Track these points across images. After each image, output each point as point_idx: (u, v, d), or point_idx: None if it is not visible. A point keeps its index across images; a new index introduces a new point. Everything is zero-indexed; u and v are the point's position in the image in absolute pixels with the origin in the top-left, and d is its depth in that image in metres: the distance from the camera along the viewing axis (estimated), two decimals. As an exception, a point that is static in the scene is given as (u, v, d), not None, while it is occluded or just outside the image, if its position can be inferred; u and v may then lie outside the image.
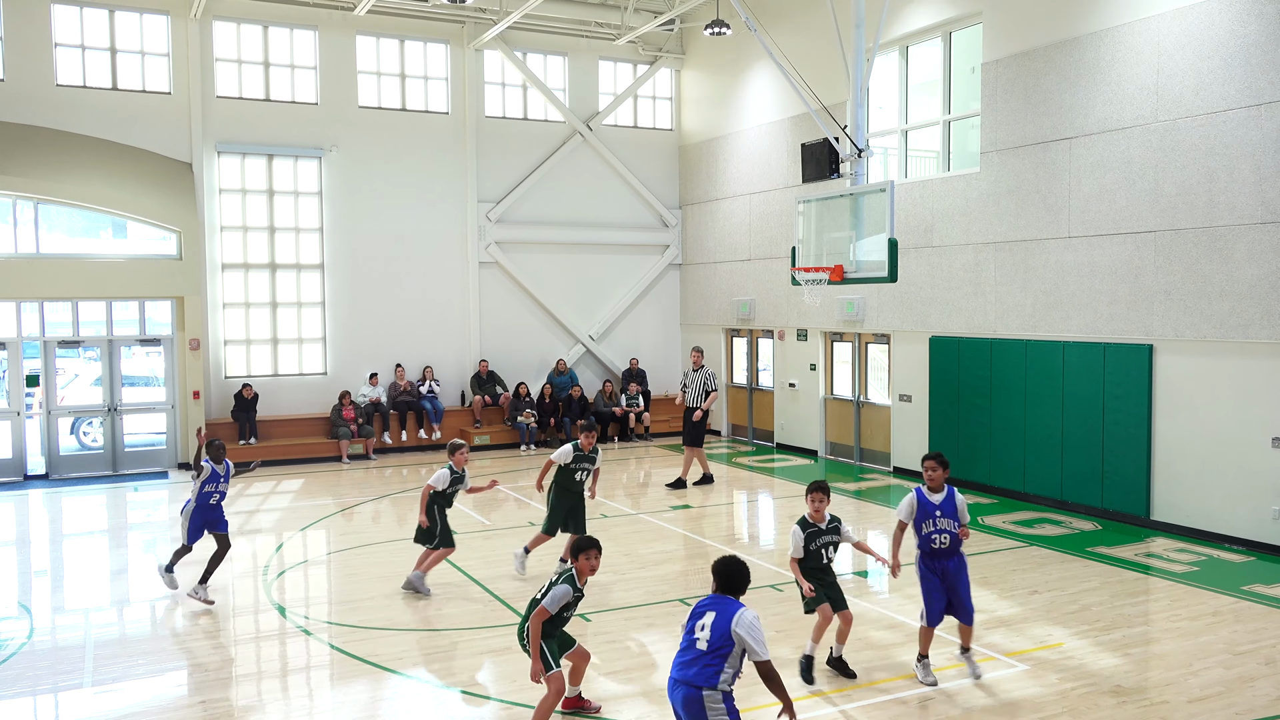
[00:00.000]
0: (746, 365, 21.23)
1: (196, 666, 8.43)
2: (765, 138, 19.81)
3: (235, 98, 18.91)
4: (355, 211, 19.86)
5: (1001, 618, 9.36)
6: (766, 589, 10.36)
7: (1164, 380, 12.73)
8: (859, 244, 12.41)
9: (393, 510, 14.48)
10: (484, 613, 9.63)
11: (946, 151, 16.32)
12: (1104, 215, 13.37)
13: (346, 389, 19.23)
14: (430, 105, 20.62)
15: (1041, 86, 14.14)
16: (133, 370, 18.85)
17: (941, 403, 15.90)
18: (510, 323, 21.39)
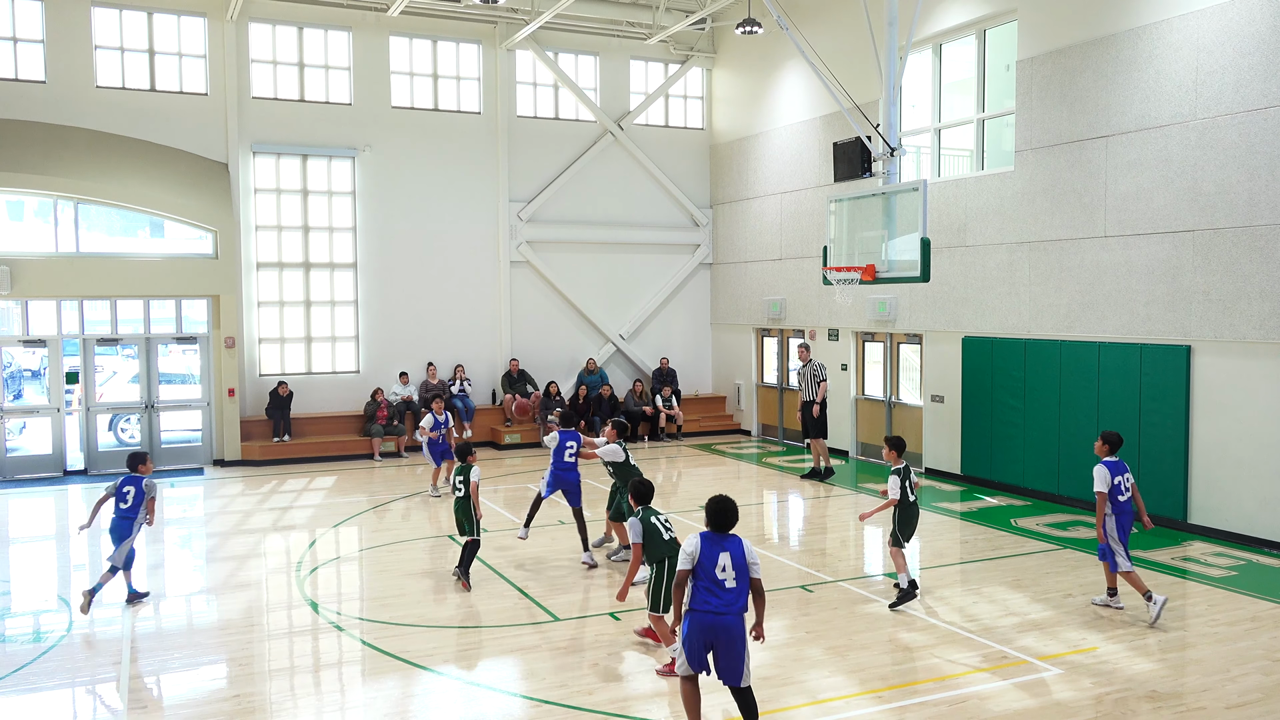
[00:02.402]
0: (777, 365, 21.15)
1: (231, 660, 8.52)
2: (797, 137, 19.73)
3: (270, 98, 19.10)
4: (388, 211, 20.00)
5: (1035, 621, 9.26)
6: (796, 589, 10.32)
7: (1202, 382, 12.55)
8: (891, 243, 12.35)
9: (424, 508, 14.57)
10: (514, 610, 9.66)
11: (980, 150, 16.17)
12: (1141, 214, 13.19)
13: (379, 387, 19.37)
14: (462, 105, 20.72)
15: (1077, 84, 13.98)
16: (170, 368, 19.11)
17: (974, 404, 15.76)
18: (541, 322, 21.44)
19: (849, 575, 10.91)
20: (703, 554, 6.33)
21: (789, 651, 8.53)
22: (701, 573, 6.33)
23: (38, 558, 12.30)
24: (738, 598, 6.30)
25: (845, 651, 8.49)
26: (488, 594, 10.23)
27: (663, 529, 8.20)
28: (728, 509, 6.48)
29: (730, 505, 6.51)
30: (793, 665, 8.20)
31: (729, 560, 6.30)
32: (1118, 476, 9.30)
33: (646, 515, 8.19)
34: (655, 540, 8.14)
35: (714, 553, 6.33)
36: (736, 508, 6.55)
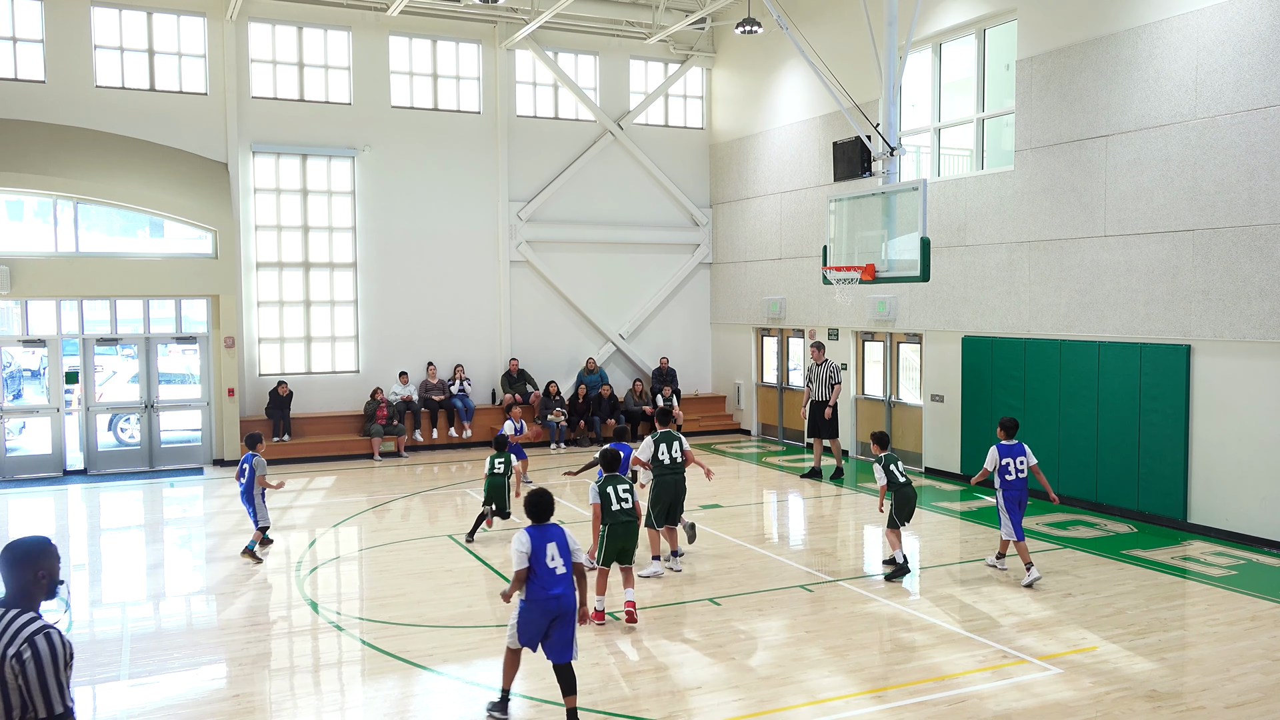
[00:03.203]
0: (777, 365, 21.16)
1: (231, 660, 8.53)
2: (796, 136, 19.73)
3: (270, 98, 19.11)
4: (388, 211, 20.01)
5: (1035, 620, 9.27)
6: (796, 589, 10.33)
7: (1202, 381, 12.55)
8: (891, 243, 12.36)
9: (424, 508, 14.58)
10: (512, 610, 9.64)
11: (980, 150, 16.18)
12: (1141, 214, 13.20)
13: (379, 386, 19.37)
14: (462, 105, 20.72)
15: (1077, 84, 13.98)
16: (169, 368, 19.10)
17: (974, 403, 15.76)
18: (541, 321, 21.45)
19: (849, 575, 10.92)
20: (534, 549, 6.88)
21: (789, 651, 8.53)
22: (536, 564, 6.87)
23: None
24: (568, 582, 6.94)
25: (845, 651, 8.50)
26: (487, 594, 10.24)
27: (615, 499, 9.14)
28: (545, 501, 7.06)
29: (547, 497, 7.07)
30: (792, 665, 8.20)
31: (556, 549, 6.92)
32: (1007, 458, 10.54)
33: (605, 484, 9.20)
34: (606, 508, 9.15)
35: (542, 544, 6.91)
36: (552, 499, 7.12)
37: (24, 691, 3.76)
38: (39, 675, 3.75)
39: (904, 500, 10.86)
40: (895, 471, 10.87)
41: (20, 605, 3.91)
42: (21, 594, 3.93)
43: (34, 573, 3.95)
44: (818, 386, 16.64)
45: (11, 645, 3.77)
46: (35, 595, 3.96)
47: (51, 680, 3.77)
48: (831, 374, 16.58)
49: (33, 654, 3.76)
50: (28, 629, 3.80)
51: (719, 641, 8.79)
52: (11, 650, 3.76)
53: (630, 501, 9.28)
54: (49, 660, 3.77)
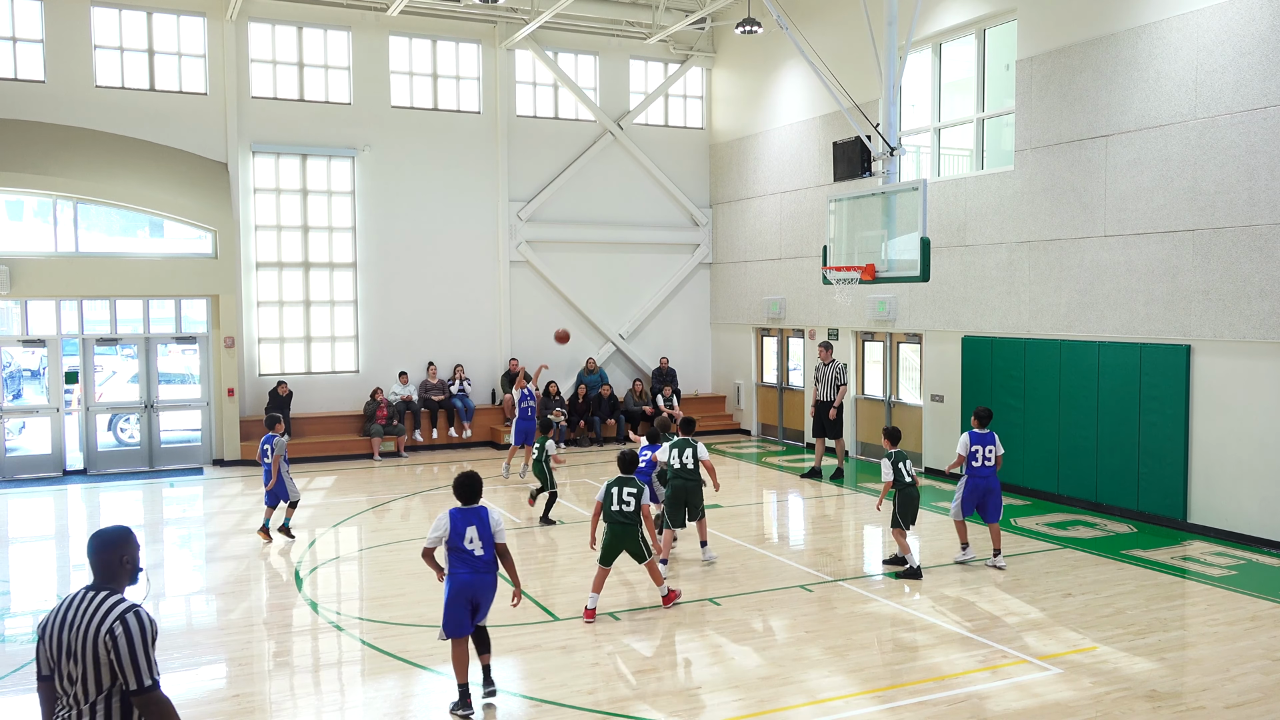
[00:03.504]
0: (777, 365, 21.16)
1: (231, 660, 8.53)
2: (796, 136, 19.73)
3: (270, 98, 19.11)
4: (388, 211, 20.01)
5: (1034, 620, 9.27)
6: (796, 589, 10.33)
7: (1202, 381, 12.55)
8: (891, 243, 12.36)
9: (424, 508, 14.58)
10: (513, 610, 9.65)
11: (980, 150, 16.18)
12: (1141, 214, 13.20)
13: (379, 386, 19.37)
14: (462, 105, 20.72)
15: (1077, 84, 13.98)
16: (169, 368, 19.10)
17: (974, 403, 15.74)
18: (541, 321, 21.43)
19: (849, 575, 10.92)
20: (452, 529, 7.24)
21: (788, 651, 8.54)
22: (453, 544, 7.22)
23: (37, 558, 12.30)
24: (486, 562, 7.26)
25: (845, 651, 8.50)
26: (487, 594, 10.22)
27: (616, 500, 9.33)
28: (471, 483, 7.34)
29: (473, 479, 7.37)
30: (792, 665, 8.20)
31: (475, 532, 7.22)
32: (977, 445, 11.06)
33: (612, 484, 9.43)
34: (606, 507, 9.39)
35: (462, 526, 7.24)
36: (479, 481, 7.40)
37: (115, 665, 4.08)
38: (129, 650, 4.07)
39: (908, 500, 10.81)
40: (903, 470, 10.81)
41: (108, 587, 4.26)
42: (108, 577, 4.29)
43: (118, 558, 4.30)
44: (823, 386, 16.66)
45: (104, 623, 4.10)
46: (120, 578, 4.31)
47: (140, 655, 4.09)
48: (838, 374, 16.60)
49: (124, 630, 4.09)
50: (118, 608, 4.15)
51: (719, 641, 8.79)
52: (104, 627, 4.09)
53: (632, 505, 9.32)
54: (138, 636, 4.10)
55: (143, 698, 4.11)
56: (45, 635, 4.22)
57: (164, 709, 4.15)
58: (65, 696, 4.19)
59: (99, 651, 4.09)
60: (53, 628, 4.21)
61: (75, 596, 4.25)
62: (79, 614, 4.17)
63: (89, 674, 4.11)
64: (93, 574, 4.31)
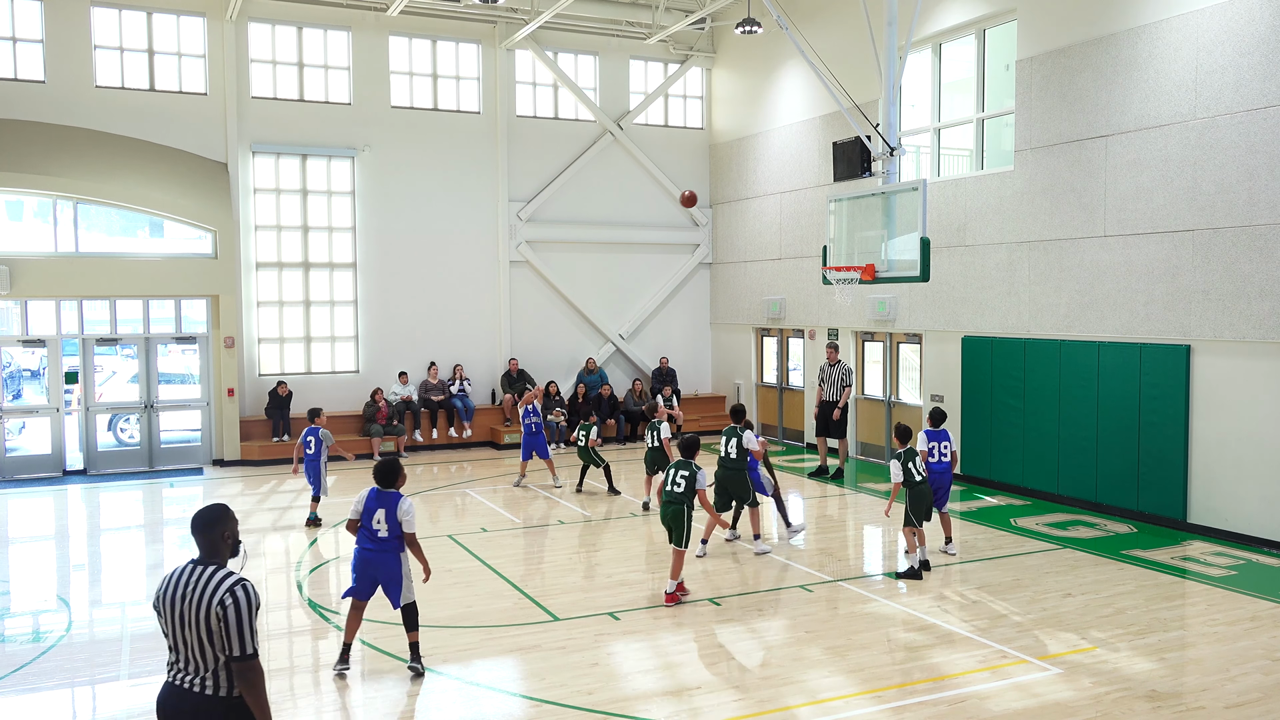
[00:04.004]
0: (776, 365, 21.15)
1: (230, 661, 8.51)
2: (796, 136, 19.73)
3: (270, 98, 19.10)
4: (387, 211, 20.01)
5: (1035, 620, 9.27)
6: (796, 589, 10.33)
7: (1202, 381, 12.55)
8: (891, 243, 12.36)
9: (424, 508, 14.57)
10: (513, 610, 9.67)
11: (980, 150, 16.18)
12: (1141, 214, 13.19)
13: (379, 387, 19.36)
14: (462, 105, 20.72)
15: (1077, 84, 13.98)
16: (169, 368, 19.10)
17: (974, 403, 15.76)
18: (541, 321, 21.45)
19: (849, 575, 10.91)
20: (365, 507, 7.94)
21: (789, 651, 8.53)
22: (364, 521, 7.93)
23: (37, 558, 12.30)
24: (388, 543, 7.88)
25: (845, 651, 8.50)
26: (487, 593, 10.23)
27: (669, 482, 9.90)
28: (387, 469, 7.97)
29: (390, 466, 7.98)
30: (792, 665, 8.20)
31: (383, 515, 7.86)
32: (933, 442, 11.63)
33: (670, 466, 10.04)
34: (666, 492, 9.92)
35: (374, 507, 7.90)
36: (397, 469, 7.98)
37: (222, 634, 4.45)
38: (237, 621, 4.44)
39: (920, 498, 10.92)
40: (913, 469, 10.93)
41: (213, 561, 4.63)
42: (212, 552, 4.65)
43: (220, 534, 4.66)
44: (828, 387, 16.66)
45: (215, 595, 4.47)
46: (222, 552, 4.67)
47: (246, 625, 4.47)
48: (844, 375, 16.62)
49: (233, 602, 4.46)
50: (227, 581, 4.52)
51: (719, 641, 8.79)
52: (215, 599, 4.46)
53: (683, 487, 9.83)
54: (245, 608, 4.48)
55: (242, 664, 4.47)
56: (160, 607, 4.61)
57: (258, 677, 4.50)
58: (185, 661, 4.55)
59: (211, 622, 4.45)
60: (165, 600, 4.58)
61: (184, 570, 4.62)
62: (190, 587, 4.53)
63: (204, 643, 4.48)
64: (198, 549, 4.65)
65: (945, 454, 11.66)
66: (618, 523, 13.48)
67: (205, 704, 4.51)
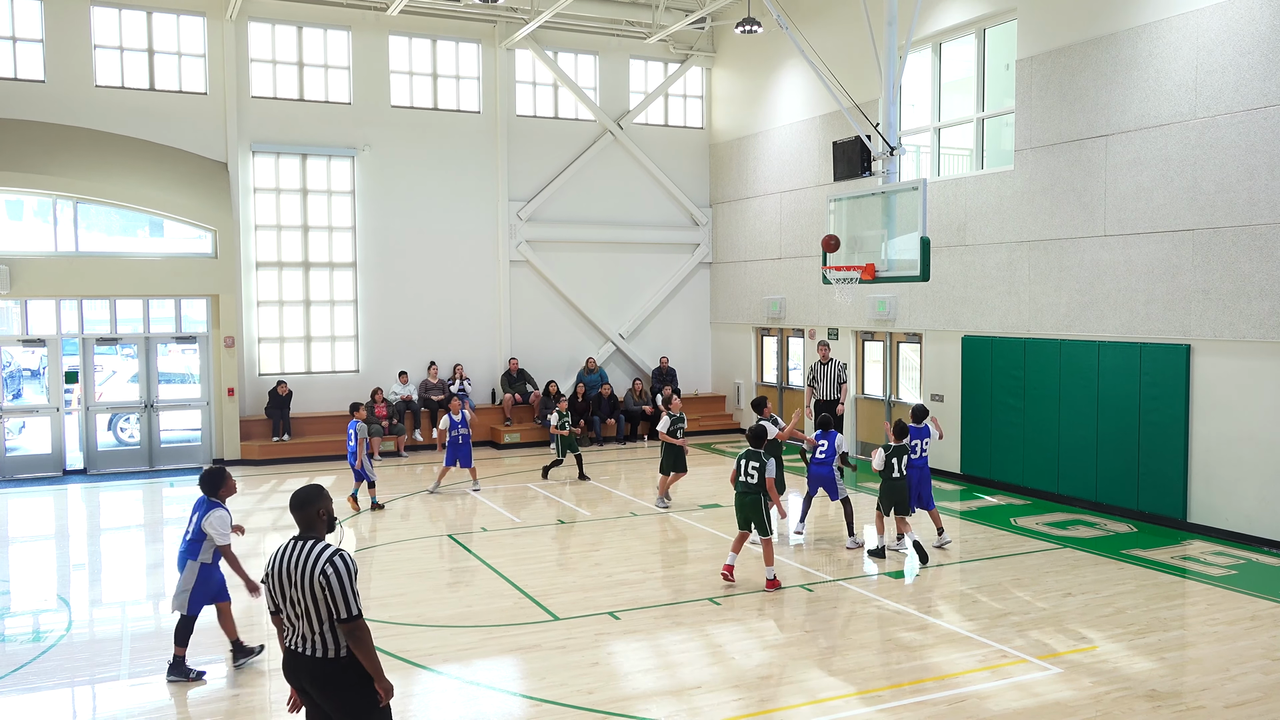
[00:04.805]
0: (777, 364, 21.16)
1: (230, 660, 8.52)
2: (796, 136, 19.74)
3: (270, 98, 19.11)
4: (387, 210, 20.01)
5: (1034, 620, 9.27)
6: (796, 588, 10.33)
7: (1202, 381, 12.55)
8: (891, 242, 12.35)
9: (423, 508, 14.57)
10: (513, 609, 9.67)
11: (980, 149, 16.18)
12: (1141, 213, 13.20)
13: (379, 386, 19.37)
14: (462, 105, 20.73)
15: (1077, 83, 13.98)
16: (169, 367, 19.11)
17: (974, 403, 15.77)
18: (541, 321, 21.45)
19: (849, 574, 10.92)
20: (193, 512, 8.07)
21: (788, 651, 8.54)
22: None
23: (37, 557, 12.30)
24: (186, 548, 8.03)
25: (844, 651, 8.51)
26: (486, 593, 10.23)
27: (742, 472, 10.21)
28: (210, 477, 8.03)
29: (212, 475, 8.03)
30: (792, 664, 8.20)
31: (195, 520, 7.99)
32: (915, 439, 11.78)
33: (740, 456, 10.33)
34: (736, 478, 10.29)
35: (191, 513, 8.05)
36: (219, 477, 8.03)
37: (329, 600, 4.95)
38: (341, 586, 4.97)
39: (891, 492, 11.41)
40: (895, 465, 11.34)
41: (312, 536, 5.17)
42: (310, 526, 5.20)
43: (316, 511, 5.21)
44: (824, 385, 16.65)
45: (317, 565, 5.00)
46: (319, 527, 5.22)
47: (349, 589, 4.98)
48: (839, 372, 16.61)
49: (334, 570, 4.99)
50: (326, 553, 5.05)
51: (719, 641, 8.79)
52: (317, 569, 4.99)
53: (755, 477, 10.14)
54: (345, 575, 5.00)
55: (349, 625, 4.98)
56: (270, 578, 5.14)
57: (365, 634, 5.02)
58: (294, 625, 5.10)
59: (316, 590, 4.95)
60: (275, 572, 5.11)
61: (288, 547, 5.15)
62: (295, 560, 5.07)
63: (311, 608, 5.00)
64: (298, 526, 5.20)
65: (926, 449, 11.97)
66: (618, 522, 13.48)
67: (319, 666, 5.04)
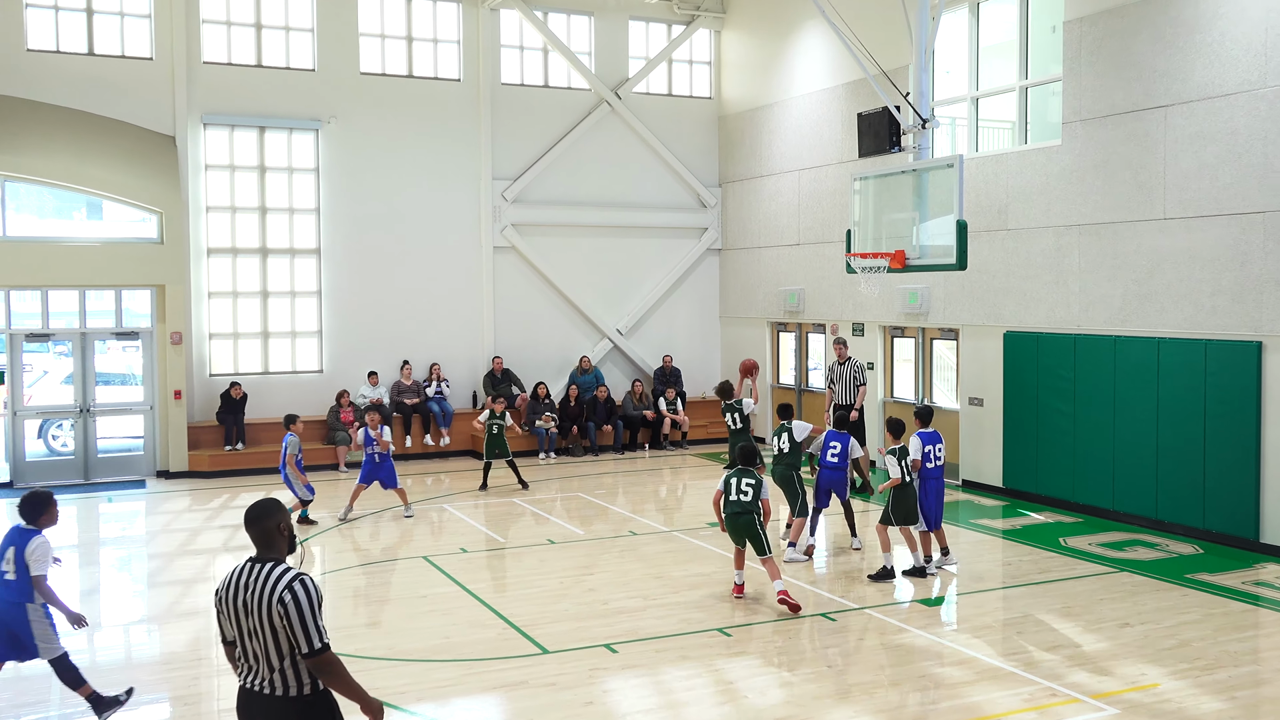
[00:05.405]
0: (795, 364, 21.10)
1: (176, 699, 8.44)
2: (816, 107, 19.69)
3: (224, 64, 19.05)
4: (356, 190, 19.95)
5: (1088, 654, 9.20)
6: (817, 618, 10.26)
7: (1275, 382, 12.48)
8: (923, 227, 12.35)
9: (396, 526, 14.50)
10: (496, 641, 9.60)
11: (1023, 122, 16.14)
12: (1205, 193, 13.13)
13: (345, 389, 19.30)
14: (440, 71, 20.67)
15: (1132, 48, 13.92)
16: (108, 367, 19.06)
17: (1017, 407, 15.71)
18: (528, 315, 21.40)
19: (877, 602, 10.84)
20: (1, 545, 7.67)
21: (809, 689, 8.46)
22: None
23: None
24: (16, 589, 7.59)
25: (873, 689, 8.43)
26: (466, 622, 10.16)
27: (734, 490, 10.42)
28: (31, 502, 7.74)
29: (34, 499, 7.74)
30: (813, 704, 8.13)
31: (13, 554, 7.58)
32: (929, 445, 11.75)
33: (731, 475, 10.59)
34: (725, 498, 10.50)
35: (6, 545, 7.65)
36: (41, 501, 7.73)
37: (289, 631, 4.81)
38: (299, 616, 4.80)
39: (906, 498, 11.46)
40: (905, 468, 11.48)
41: (270, 557, 5.00)
42: (268, 546, 5.03)
43: (275, 525, 5.04)
44: (841, 387, 16.60)
45: (275, 591, 4.84)
46: (279, 545, 5.05)
47: (310, 619, 4.82)
48: (856, 373, 16.55)
49: (293, 598, 4.82)
50: (286, 577, 4.88)
51: (730, 677, 8.73)
52: (274, 596, 4.83)
53: (750, 495, 10.37)
54: (307, 602, 4.84)
55: (315, 660, 4.84)
56: (221, 606, 5.00)
57: (337, 665, 4.88)
58: (251, 660, 4.95)
59: (275, 619, 4.82)
60: (227, 599, 4.97)
61: (242, 569, 4.99)
62: (250, 584, 4.92)
63: (269, 640, 4.86)
64: (255, 546, 5.02)
65: (940, 456, 11.94)
66: (615, 542, 13.41)
67: (276, 706, 4.90)
